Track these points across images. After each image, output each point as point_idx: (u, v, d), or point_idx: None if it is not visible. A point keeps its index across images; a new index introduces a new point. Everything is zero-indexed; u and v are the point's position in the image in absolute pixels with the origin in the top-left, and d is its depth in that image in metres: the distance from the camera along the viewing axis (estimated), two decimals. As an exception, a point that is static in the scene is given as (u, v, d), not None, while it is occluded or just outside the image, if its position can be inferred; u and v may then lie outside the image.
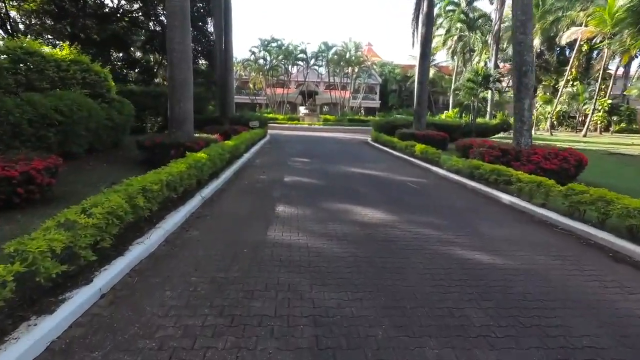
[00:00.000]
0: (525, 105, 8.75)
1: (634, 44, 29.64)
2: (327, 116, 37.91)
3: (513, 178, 6.91)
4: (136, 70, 23.54)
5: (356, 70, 40.65)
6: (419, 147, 12.22)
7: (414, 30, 24.82)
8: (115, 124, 9.61)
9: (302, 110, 37.24)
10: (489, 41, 34.45)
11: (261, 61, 39.32)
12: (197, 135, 9.98)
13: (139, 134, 13.82)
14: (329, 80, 43.47)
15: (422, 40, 16.39)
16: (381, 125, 19.42)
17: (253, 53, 39.02)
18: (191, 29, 22.77)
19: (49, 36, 19.43)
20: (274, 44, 38.22)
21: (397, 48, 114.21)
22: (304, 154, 13.59)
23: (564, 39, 31.02)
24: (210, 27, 22.42)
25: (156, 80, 23.16)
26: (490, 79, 25.70)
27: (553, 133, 32.44)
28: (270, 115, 35.34)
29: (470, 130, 24.34)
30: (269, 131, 25.32)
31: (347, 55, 38.83)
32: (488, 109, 30.13)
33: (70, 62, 8.71)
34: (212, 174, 7.40)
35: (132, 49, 23.43)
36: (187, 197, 5.79)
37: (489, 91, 28.15)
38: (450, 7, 39.63)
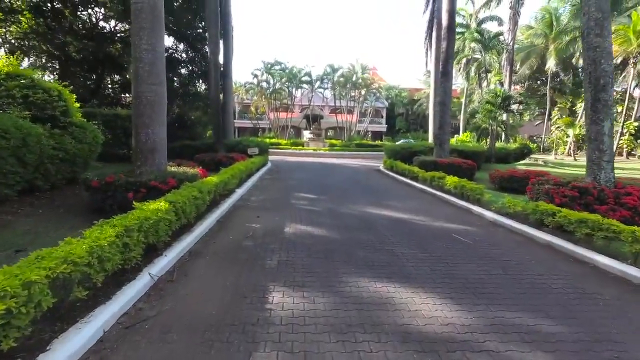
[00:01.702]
0: (604, 129, 6.56)
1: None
2: (333, 141, 36.08)
3: (625, 236, 4.61)
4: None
5: (363, 92, 39.13)
6: (450, 180, 10.00)
7: (426, 49, 23.32)
8: (70, 155, 7.53)
9: (307, 134, 35.47)
10: (502, 62, 32.85)
11: (264, 84, 37.98)
12: (173, 169, 7.83)
13: (125, 163, 11.81)
14: (335, 103, 41.98)
15: (443, 56, 14.48)
16: (396, 151, 17.30)
17: (255, 76, 37.74)
18: (189, 49, 21.59)
19: (40, 57, 17.88)
20: (277, 67, 36.95)
21: (402, 72, 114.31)
22: (309, 186, 11.40)
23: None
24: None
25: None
26: (511, 100, 23.83)
27: (576, 158, 30.17)
28: (273, 140, 33.55)
29: (491, 156, 22.22)
30: (271, 157, 23.33)
31: (354, 78, 37.41)
32: (504, 133, 28.04)
33: (6, 75, 6.73)
34: (181, 227, 5.19)
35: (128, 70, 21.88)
36: (123, 277, 3.56)
37: (505, 114, 26.22)
38: (459, 29, 38.43)
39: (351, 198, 9.47)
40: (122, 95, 21.65)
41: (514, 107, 24.87)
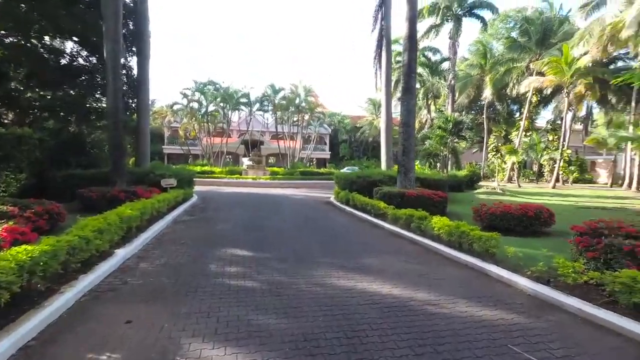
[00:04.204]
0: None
1: (590, 93, 29.34)
2: (275, 168, 32.87)
3: None
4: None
5: (306, 117, 36.85)
6: (439, 222, 7.31)
7: (376, 70, 21.51)
8: None
9: (246, 161, 31.91)
10: (446, 90, 32.83)
11: (195, 105, 33.93)
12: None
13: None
14: (276, 128, 39.11)
15: (405, 70, 12.32)
16: (351, 181, 14.60)
17: (185, 96, 33.65)
18: (92, 56, 17.24)
19: None
20: (210, 87, 33.30)
21: (342, 100, 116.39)
22: (245, 234, 8.02)
23: (523, 87, 30.09)
24: (132, 63, 16.92)
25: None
26: (462, 126, 22.89)
27: (520, 184, 30.28)
28: (206, 168, 29.44)
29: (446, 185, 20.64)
30: (202, 189, 19.42)
31: (297, 101, 35.03)
32: (455, 159, 27.20)
33: None
34: None
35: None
36: None
37: (456, 139, 25.36)
38: (399, 59, 38.41)
39: (307, 255, 6.27)
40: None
41: (465, 133, 24.01)
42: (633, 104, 27.54)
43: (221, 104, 34.74)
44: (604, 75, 28.46)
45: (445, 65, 34.61)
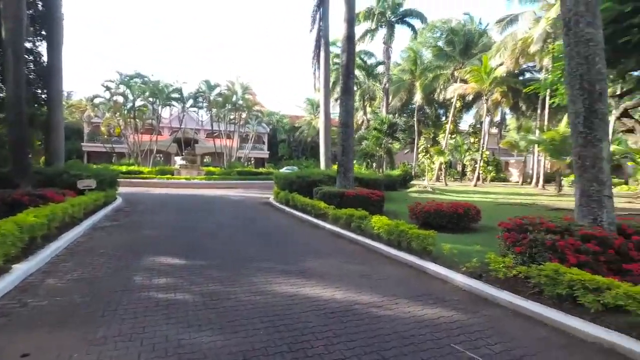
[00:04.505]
0: (603, 152, 4.80)
1: (504, 101, 32.53)
2: (211, 168, 31.42)
3: None
4: None
5: (244, 115, 35.78)
6: (378, 221, 7.40)
7: (314, 70, 21.54)
8: None
9: (179, 161, 29.99)
10: (382, 92, 34.14)
11: (119, 99, 31.05)
12: None
13: None
14: (212, 127, 37.43)
15: (344, 71, 12.42)
16: (291, 181, 14.37)
17: (108, 89, 30.64)
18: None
19: None
20: (138, 80, 30.74)
21: (281, 100, 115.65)
22: (176, 239, 7.37)
23: (449, 93, 32.42)
24: (41, 49, 14.84)
25: None
26: (397, 127, 23.91)
27: (447, 183, 32.60)
28: (133, 168, 27.14)
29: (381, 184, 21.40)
30: (128, 190, 17.77)
31: (234, 98, 33.82)
32: (390, 160, 28.39)
33: None
34: None
35: None
36: None
37: (391, 140, 26.46)
38: (337, 60, 39.12)
39: (246, 261, 5.90)
40: None
41: (399, 134, 25.12)
42: (539, 111, 31.14)
43: (150, 99, 32.24)
44: (515, 84, 31.83)
45: (380, 69, 36.00)
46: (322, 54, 20.41)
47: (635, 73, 13.48)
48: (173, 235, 7.81)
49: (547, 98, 25.06)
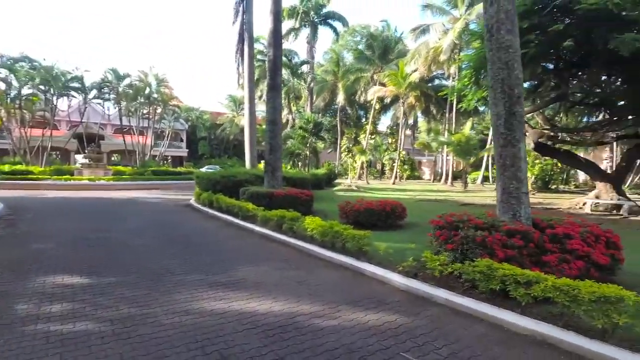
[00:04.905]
0: (521, 152, 5.18)
1: (418, 104, 35.02)
2: (121, 167, 28.28)
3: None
4: None
5: (159, 110, 32.89)
6: (312, 223, 7.15)
7: (238, 65, 20.65)
8: None
9: (81, 159, 26.41)
10: (307, 91, 34.25)
11: (0, 85, 26.16)
12: None
13: None
14: (121, 121, 33.69)
15: (271, 66, 11.96)
16: (215, 181, 13.44)
17: (-16, 72, 25.59)
18: None
19: None
20: (25, 64, 26.19)
21: (201, 96, 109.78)
22: (76, 253, 6.21)
23: (369, 95, 33.80)
24: None
25: None
26: (322, 127, 24.10)
27: (369, 182, 34.03)
28: (20, 168, 23.10)
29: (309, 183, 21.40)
30: (13, 195, 14.99)
31: (147, 91, 30.84)
32: (316, 159, 28.61)
33: None
34: None
35: None
36: None
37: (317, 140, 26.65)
38: (260, 57, 38.22)
39: (166, 274, 5.16)
40: None
41: (324, 134, 25.38)
42: (447, 114, 34.23)
43: (42, 87, 27.66)
44: (427, 90, 34.51)
45: (305, 68, 36.10)
46: (246, 48, 19.64)
47: (527, 84, 15.43)
48: (73, 249, 6.59)
49: (455, 103, 27.65)
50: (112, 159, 41.95)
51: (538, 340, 3.37)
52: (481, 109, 30.10)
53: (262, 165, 21.04)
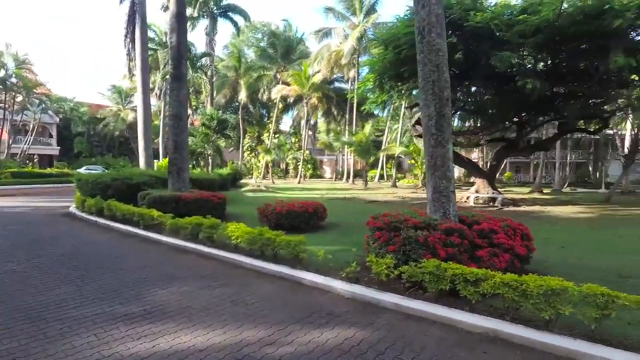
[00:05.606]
0: (449, 153, 5.40)
1: (320, 105, 35.94)
2: (-39, 169, 22.29)
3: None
4: None
5: (19, 99, 26.91)
6: (235, 230, 6.41)
7: (129, 50, 18.08)
8: None
9: None
10: (208, 85, 32.05)
11: None
12: None
13: None
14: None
15: (174, 54, 10.60)
16: (105, 184, 11.36)
17: None
18: None
19: None
20: None
21: (78, 85, 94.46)
22: None
23: (273, 94, 33.32)
24: None
25: None
26: (226, 124, 22.75)
27: (274, 181, 33.59)
28: None
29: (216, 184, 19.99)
30: None
31: (2, 74, 24.90)
32: (220, 158, 26.98)
33: None
34: None
35: None
36: None
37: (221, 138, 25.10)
38: (152, 45, 34.31)
39: (55, 310, 3.93)
40: None
41: (230, 132, 24.05)
42: (347, 116, 35.91)
43: None
44: (329, 91, 35.68)
45: (205, 61, 33.76)
46: (137, 32, 17.32)
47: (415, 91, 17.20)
48: None
49: (355, 105, 29.12)
50: (-53, 158, 32.85)
51: (491, 337, 3.45)
52: (376, 112, 32.42)
53: (161, 164, 18.86)
